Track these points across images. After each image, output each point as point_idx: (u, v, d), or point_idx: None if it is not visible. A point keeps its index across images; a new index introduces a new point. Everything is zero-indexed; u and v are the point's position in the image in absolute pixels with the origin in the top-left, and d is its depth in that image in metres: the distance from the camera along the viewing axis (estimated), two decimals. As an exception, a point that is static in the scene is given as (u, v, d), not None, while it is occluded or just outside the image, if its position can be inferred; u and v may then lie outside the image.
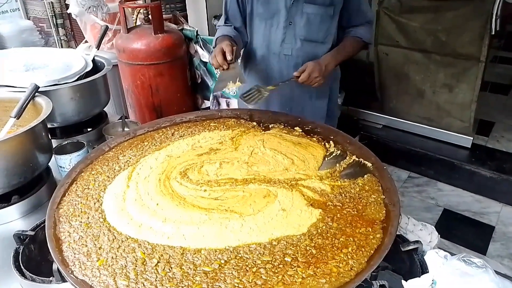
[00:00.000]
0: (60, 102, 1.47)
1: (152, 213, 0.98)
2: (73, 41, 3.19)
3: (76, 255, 0.89)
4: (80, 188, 1.11)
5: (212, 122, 1.45)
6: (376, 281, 0.86)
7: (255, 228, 0.93)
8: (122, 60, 1.67)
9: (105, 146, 1.32)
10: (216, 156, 1.22)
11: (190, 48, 1.77)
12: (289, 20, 1.55)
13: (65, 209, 1.03)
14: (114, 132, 1.58)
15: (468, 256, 0.84)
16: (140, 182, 1.09)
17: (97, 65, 1.72)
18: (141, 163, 1.18)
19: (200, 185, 1.09)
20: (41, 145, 1.25)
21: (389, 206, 0.99)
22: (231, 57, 1.40)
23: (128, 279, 0.82)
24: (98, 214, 1.00)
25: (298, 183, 1.09)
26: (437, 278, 0.81)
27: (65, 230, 0.96)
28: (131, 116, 1.84)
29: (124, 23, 1.66)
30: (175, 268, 0.84)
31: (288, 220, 0.96)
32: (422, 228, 1.03)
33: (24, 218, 1.21)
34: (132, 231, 0.94)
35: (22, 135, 1.13)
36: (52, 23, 3.03)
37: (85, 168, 1.20)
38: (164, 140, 1.34)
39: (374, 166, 1.14)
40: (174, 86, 1.72)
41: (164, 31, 1.63)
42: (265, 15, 1.58)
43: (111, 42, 2.32)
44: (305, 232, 0.93)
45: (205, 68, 1.76)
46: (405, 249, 0.91)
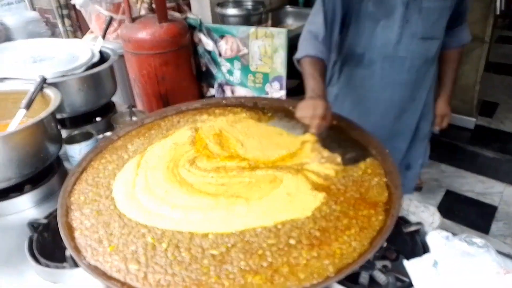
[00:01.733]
0: (68, 93, 1.49)
1: (161, 199, 1.00)
2: (79, 32, 3.19)
3: (88, 242, 0.92)
4: (90, 176, 1.14)
5: (216, 109, 1.47)
6: (379, 261, 0.88)
7: (261, 212, 0.96)
8: (128, 50, 1.68)
9: (114, 135, 1.34)
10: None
11: (194, 37, 1.78)
12: (406, 18, 1.39)
13: (76, 197, 1.06)
14: (122, 121, 1.60)
15: (470, 236, 0.86)
16: (149, 170, 1.11)
17: (103, 55, 1.73)
18: (148, 151, 1.20)
19: (207, 171, 1.11)
20: (51, 136, 1.27)
21: (392, 188, 1.00)
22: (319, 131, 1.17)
23: (139, 263, 0.85)
24: (108, 202, 1.03)
25: (304, 168, 1.11)
26: (438, 258, 0.83)
27: (76, 217, 0.99)
28: (139, 105, 1.86)
29: (129, 12, 1.67)
30: (184, 252, 0.87)
31: (292, 204, 0.98)
32: (424, 210, 1.05)
33: (37, 207, 1.25)
34: (141, 218, 0.96)
35: (32, 126, 1.15)
36: (57, 14, 3.04)
37: (94, 157, 1.23)
38: (170, 128, 1.36)
39: (377, 150, 1.15)
40: (179, 75, 1.73)
41: (168, 20, 1.63)
42: (377, 14, 1.40)
43: (116, 32, 2.33)
44: (309, 215, 0.95)
45: (210, 57, 1.76)
46: (407, 230, 0.93)
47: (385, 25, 1.41)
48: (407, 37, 1.42)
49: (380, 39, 1.44)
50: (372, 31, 1.44)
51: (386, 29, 1.42)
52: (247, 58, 1.64)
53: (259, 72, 1.64)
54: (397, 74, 1.49)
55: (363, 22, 1.43)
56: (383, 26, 1.41)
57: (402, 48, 1.43)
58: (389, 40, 1.43)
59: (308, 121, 1.17)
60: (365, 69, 1.51)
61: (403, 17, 1.38)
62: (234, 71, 1.71)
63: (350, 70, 1.57)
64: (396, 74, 1.49)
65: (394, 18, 1.39)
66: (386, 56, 1.46)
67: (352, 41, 1.51)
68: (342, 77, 1.63)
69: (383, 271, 0.86)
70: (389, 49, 1.44)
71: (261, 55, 1.59)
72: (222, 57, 1.71)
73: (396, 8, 1.38)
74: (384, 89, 1.53)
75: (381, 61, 1.47)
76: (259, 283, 0.80)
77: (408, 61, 1.46)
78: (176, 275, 0.82)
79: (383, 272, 0.85)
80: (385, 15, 1.39)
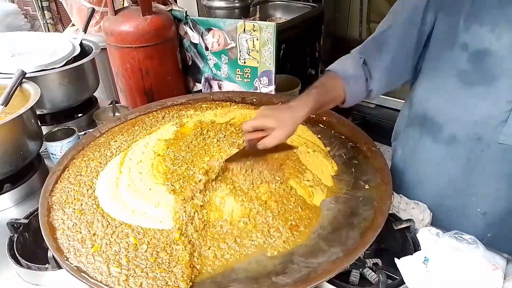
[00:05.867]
0: (48, 88, 1.44)
1: (145, 198, 0.97)
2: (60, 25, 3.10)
3: (71, 242, 0.89)
4: (72, 175, 1.10)
5: (204, 103, 1.44)
6: (370, 259, 0.87)
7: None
8: (110, 43, 1.63)
9: (96, 131, 1.31)
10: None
11: (179, 30, 1.74)
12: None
13: (58, 197, 1.03)
14: (105, 117, 1.56)
15: (460, 233, 0.86)
16: (133, 168, 1.08)
17: (85, 49, 1.68)
18: (132, 148, 1.17)
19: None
20: (31, 132, 1.23)
21: (382, 185, 0.99)
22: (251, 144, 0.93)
23: (120, 265, 0.83)
24: (91, 201, 1.00)
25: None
26: (429, 255, 0.83)
27: (58, 217, 0.96)
28: (122, 101, 1.81)
29: (111, 4, 1.62)
30: (161, 252, 0.85)
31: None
32: (415, 207, 1.04)
33: (17, 206, 1.21)
34: (125, 217, 0.94)
35: (10, 123, 1.11)
36: (37, 6, 2.94)
37: (76, 155, 1.19)
38: (154, 123, 1.33)
39: (367, 146, 1.14)
40: (164, 69, 1.69)
41: (152, 12, 1.59)
42: (473, 75, 0.94)
43: (99, 25, 2.27)
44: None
45: (196, 50, 1.73)
46: (397, 227, 0.93)
47: (483, 95, 0.94)
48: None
49: (471, 113, 0.97)
50: (459, 98, 0.98)
51: (484, 101, 0.95)
52: (235, 52, 1.61)
53: (247, 67, 1.61)
54: (499, 166, 1.00)
55: (448, 80, 0.99)
56: (480, 96, 0.95)
57: (509, 133, 0.94)
58: (490, 118, 0.95)
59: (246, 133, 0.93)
60: (442, 145, 1.05)
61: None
62: (222, 65, 1.68)
63: (417, 136, 1.13)
64: (498, 166, 1.00)
65: (500, 88, 0.92)
66: (479, 138, 0.98)
67: (425, 100, 1.08)
68: (407, 142, 1.19)
69: (373, 269, 0.85)
70: (486, 130, 0.97)
71: (249, 49, 1.57)
72: (209, 50, 1.68)
73: (505, 74, 0.90)
74: (469, 177, 1.05)
75: (472, 146, 1.00)
76: None
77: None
78: (158, 279, 0.80)
79: (373, 270, 0.85)
80: (484, 80, 0.93)
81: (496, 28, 0.88)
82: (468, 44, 0.92)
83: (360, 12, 3.39)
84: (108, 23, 1.60)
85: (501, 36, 0.88)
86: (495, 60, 0.90)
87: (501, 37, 0.88)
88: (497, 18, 0.88)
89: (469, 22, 0.90)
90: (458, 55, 0.94)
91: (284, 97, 1.47)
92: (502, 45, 0.88)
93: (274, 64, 1.56)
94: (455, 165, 1.06)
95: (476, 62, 0.92)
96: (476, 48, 0.91)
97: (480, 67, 0.92)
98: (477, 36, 0.90)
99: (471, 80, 0.95)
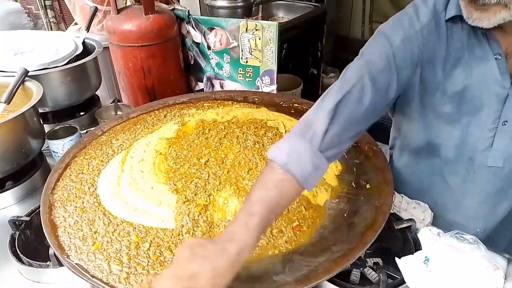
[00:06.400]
0: (51, 86, 1.45)
1: (147, 196, 0.98)
2: (62, 23, 3.11)
3: (72, 240, 0.89)
4: (74, 173, 1.11)
5: (205, 102, 1.44)
6: (370, 258, 0.87)
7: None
8: (113, 42, 1.63)
9: (98, 130, 1.31)
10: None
11: (182, 29, 1.74)
12: (504, 120, 0.93)
13: (59, 194, 1.03)
14: (107, 115, 1.57)
15: (461, 233, 0.86)
16: (135, 166, 1.09)
17: (87, 47, 1.69)
18: (134, 146, 1.17)
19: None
20: (33, 130, 1.23)
21: (383, 184, 0.99)
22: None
23: (121, 263, 0.83)
24: (93, 199, 1.00)
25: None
26: (430, 255, 0.83)
27: (60, 215, 0.96)
28: (124, 100, 1.81)
29: (114, 3, 1.62)
30: (166, 251, 0.85)
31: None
32: (416, 206, 1.04)
33: (19, 204, 1.21)
34: (127, 215, 0.94)
35: (13, 121, 1.11)
36: (40, 4, 2.95)
37: (78, 153, 1.20)
38: (156, 122, 1.33)
39: (369, 146, 1.14)
40: (166, 68, 1.69)
41: (155, 11, 1.59)
42: (456, 116, 0.97)
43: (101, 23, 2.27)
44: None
45: (198, 49, 1.73)
46: (398, 227, 0.92)
47: (468, 123, 0.97)
48: (503, 142, 0.95)
49: (460, 138, 0.99)
50: (446, 133, 1.01)
51: (469, 128, 0.97)
52: (237, 51, 1.61)
53: (249, 66, 1.61)
54: (490, 186, 1.03)
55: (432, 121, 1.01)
56: (466, 124, 0.97)
57: (495, 156, 0.97)
58: (475, 141, 0.98)
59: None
60: (441, 163, 1.07)
61: (497, 117, 0.93)
62: (224, 64, 1.68)
63: (415, 158, 1.13)
64: (489, 186, 1.03)
65: (480, 117, 0.95)
66: (471, 157, 1.01)
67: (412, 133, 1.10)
68: (400, 160, 1.19)
69: (374, 268, 0.85)
70: (475, 154, 0.99)
71: (251, 48, 1.57)
72: (211, 50, 1.68)
73: (484, 105, 0.93)
74: (466, 195, 1.07)
75: (465, 163, 1.02)
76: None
77: (504, 172, 0.99)
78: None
79: (374, 270, 0.85)
80: (467, 114, 0.96)
81: (467, 68, 0.90)
82: (446, 89, 0.93)
83: (363, 12, 3.39)
84: (110, 22, 1.61)
85: (472, 72, 0.90)
86: (473, 95, 0.92)
87: (472, 73, 0.90)
88: (467, 58, 0.90)
89: (445, 69, 0.92)
90: (439, 100, 0.96)
91: (285, 96, 1.47)
92: (475, 80, 0.90)
93: (276, 63, 1.56)
94: (453, 180, 1.06)
95: (457, 102, 0.95)
96: (454, 91, 0.93)
97: (461, 105, 0.95)
98: (454, 79, 0.92)
99: (455, 118, 0.97)
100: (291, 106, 1.40)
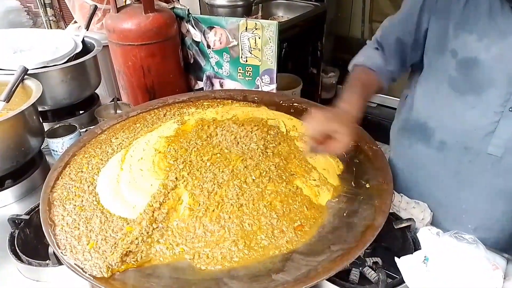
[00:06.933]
0: (50, 85, 1.45)
1: (146, 194, 0.97)
2: (62, 22, 3.10)
3: (68, 239, 0.89)
4: (73, 171, 1.11)
5: (205, 101, 1.44)
6: (370, 258, 0.87)
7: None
8: (112, 40, 1.63)
9: (98, 128, 1.31)
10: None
11: (181, 28, 1.73)
12: (511, 105, 0.88)
13: (59, 193, 1.03)
14: (106, 114, 1.56)
15: (460, 232, 0.86)
16: (134, 165, 1.08)
17: (87, 46, 1.68)
18: (133, 145, 1.17)
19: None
20: (33, 129, 1.23)
21: (383, 184, 0.99)
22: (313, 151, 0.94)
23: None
24: (92, 197, 1.00)
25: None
26: (429, 254, 0.83)
27: (59, 213, 0.96)
28: (124, 98, 1.81)
29: (114, 2, 1.62)
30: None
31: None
32: (415, 206, 1.04)
33: (18, 202, 1.21)
34: (125, 213, 0.94)
35: (12, 119, 1.11)
36: (39, 3, 2.95)
37: (78, 151, 1.19)
38: (156, 121, 1.33)
39: (368, 146, 1.14)
40: (166, 67, 1.69)
41: (154, 10, 1.59)
42: (462, 84, 0.92)
43: (101, 22, 2.26)
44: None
45: (198, 48, 1.73)
46: (398, 226, 0.93)
47: (473, 104, 0.93)
48: (506, 130, 0.90)
49: (461, 121, 0.95)
50: (450, 105, 0.97)
51: (472, 110, 0.93)
52: (237, 50, 1.61)
53: (249, 65, 1.61)
54: (486, 178, 0.99)
55: (440, 86, 0.98)
56: (470, 104, 0.93)
57: (496, 144, 0.92)
58: (478, 128, 0.93)
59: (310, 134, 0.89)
60: (434, 151, 1.04)
61: (505, 100, 0.87)
62: (223, 63, 1.68)
63: (410, 140, 1.12)
64: (483, 178, 0.99)
65: (487, 98, 0.90)
66: (467, 147, 0.97)
67: (418, 106, 1.08)
68: (402, 144, 1.18)
69: (373, 268, 0.85)
70: (475, 139, 0.95)
71: (250, 47, 1.56)
72: (211, 49, 1.68)
73: (495, 85, 0.88)
74: (460, 189, 1.04)
75: (461, 155, 0.99)
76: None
77: (503, 163, 0.94)
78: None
79: (373, 269, 0.85)
80: (473, 89, 0.91)
81: (484, 38, 0.87)
82: (457, 51, 0.91)
83: (363, 12, 3.38)
84: (110, 21, 1.61)
85: (489, 46, 0.87)
86: (483, 69, 0.88)
87: (489, 47, 0.87)
88: (485, 27, 0.87)
89: (458, 29, 0.90)
90: (448, 62, 0.94)
91: (285, 96, 1.47)
92: (490, 55, 0.87)
93: (276, 62, 1.56)
94: (446, 173, 1.05)
95: (465, 70, 0.91)
96: (464, 56, 0.90)
97: (468, 76, 0.91)
98: (466, 44, 0.90)
99: (461, 88, 0.94)
100: (291, 105, 1.40)
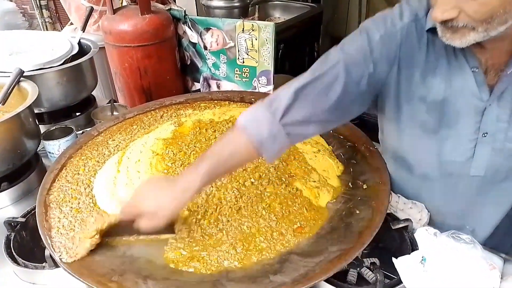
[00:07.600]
0: (46, 87, 1.44)
1: (143, 197, 0.97)
2: (58, 23, 3.09)
3: (63, 241, 0.88)
4: (70, 173, 1.10)
5: (202, 103, 1.44)
6: (367, 258, 0.87)
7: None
8: (108, 42, 1.63)
9: (94, 130, 1.30)
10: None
11: (178, 29, 1.73)
12: (483, 132, 0.91)
13: (55, 195, 1.03)
14: (103, 116, 1.56)
15: (457, 232, 0.86)
16: (131, 167, 1.08)
17: (83, 48, 1.68)
18: (130, 147, 1.17)
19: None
20: (29, 131, 1.23)
21: (380, 184, 0.99)
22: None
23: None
24: (88, 199, 1.00)
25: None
26: (426, 254, 0.83)
27: (55, 216, 0.96)
28: (120, 100, 1.81)
29: (110, 3, 1.62)
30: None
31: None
32: (412, 206, 1.04)
33: (14, 205, 1.20)
34: (123, 215, 0.93)
35: (8, 121, 1.10)
36: (35, 4, 2.94)
37: (74, 154, 1.19)
38: (152, 123, 1.33)
39: (365, 146, 1.14)
40: (163, 68, 1.69)
41: (151, 11, 1.59)
42: (434, 125, 0.94)
43: (97, 24, 2.26)
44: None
45: (194, 49, 1.73)
46: (395, 227, 0.93)
47: (446, 137, 0.94)
48: (484, 153, 0.93)
49: (438, 155, 0.97)
50: (424, 144, 0.98)
51: (447, 142, 0.95)
52: (234, 52, 1.61)
53: (246, 66, 1.61)
54: (470, 195, 1.02)
55: (410, 129, 0.98)
56: (444, 138, 0.95)
57: (477, 166, 0.95)
58: (454, 157, 0.96)
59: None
60: (417, 180, 1.05)
61: (476, 129, 0.91)
62: (220, 64, 1.68)
63: (395, 165, 1.10)
64: (469, 195, 1.02)
65: (459, 129, 0.92)
66: (450, 173, 0.99)
67: (392, 141, 1.07)
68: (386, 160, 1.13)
69: (371, 268, 0.85)
70: (456, 166, 0.97)
71: (247, 48, 1.57)
72: (207, 50, 1.68)
73: (461, 116, 0.91)
74: (449, 203, 1.06)
75: (441, 178, 1.01)
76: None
77: (487, 181, 0.97)
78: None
79: (371, 270, 0.85)
80: (445, 125, 0.93)
81: (446, 77, 0.89)
82: (425, 96, 0.92)
83: (359, 13, 3.39)
84: (106, 22, 1.60)
85: (451, 83, 0.89)
86: (450, 105, 0.91)
87: (450, 84, 0.89)
88: (445, 68, 0.89)
89: (424, 75, 0.91)
90: (418, 108, 0.94)
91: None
92: (453, 91, 0.89)
93: (273, 64, 1.56)
94: (432, 196, 1.06)
95: (435, 112, 0.92)
96: (433, 99, 0.91)
97: (440, 116, 0.92)
98: (433, 87, 0.91)
99: (433, 128, 0.95)
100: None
